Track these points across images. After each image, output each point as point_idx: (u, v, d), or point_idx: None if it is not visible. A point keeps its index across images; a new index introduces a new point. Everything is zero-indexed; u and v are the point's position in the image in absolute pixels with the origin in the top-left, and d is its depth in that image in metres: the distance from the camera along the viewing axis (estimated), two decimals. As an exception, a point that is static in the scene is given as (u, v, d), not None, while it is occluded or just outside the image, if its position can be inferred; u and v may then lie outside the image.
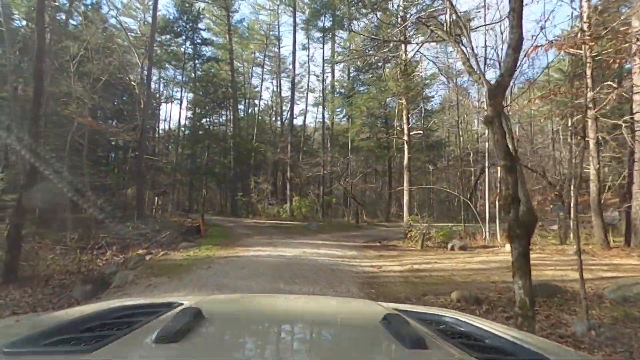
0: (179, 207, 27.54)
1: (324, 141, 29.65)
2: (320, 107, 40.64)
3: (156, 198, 26.32)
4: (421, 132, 17.67)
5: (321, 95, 30.11)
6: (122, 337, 0.83)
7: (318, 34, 29.14)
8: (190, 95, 30.29)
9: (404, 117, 13.85)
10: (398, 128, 14.93)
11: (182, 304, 1.20)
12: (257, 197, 29.46)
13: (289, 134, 27.88)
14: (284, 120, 37.18)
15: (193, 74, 27.85)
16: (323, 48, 29.98)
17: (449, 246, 10.83)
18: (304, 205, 28.28)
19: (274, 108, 43.14)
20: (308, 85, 43.84)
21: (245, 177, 32.73)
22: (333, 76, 30.21)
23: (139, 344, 0.85)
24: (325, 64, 30.34)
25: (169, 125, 35.71)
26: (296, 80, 31.59)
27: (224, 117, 33.59)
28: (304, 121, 44.51)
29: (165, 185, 25.51)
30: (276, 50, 38.55)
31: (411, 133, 14.23)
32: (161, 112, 34.31)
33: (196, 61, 27.57)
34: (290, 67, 32.39)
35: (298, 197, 28.73)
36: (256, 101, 39.12)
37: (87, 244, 10.69)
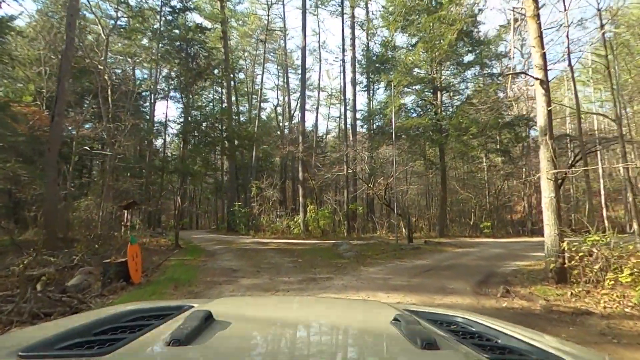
0: (151, 224, 20.63)
1: (346, 131, 22.64)
2: (335, 102, 34.11)
3: (125, 212, 19.59)
4: (569, 68, 10.12)
5: (339, 87, 23.33)
6: (134, 340, 0.83)
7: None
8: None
9: (534, 36, 6.89)
10: (518, 61, 7.70)
11: (192, 306, 1.19)
12: (260, 207, 22.49)
13: (301, 123, 20.99)
14: (292, 113, 30.48)
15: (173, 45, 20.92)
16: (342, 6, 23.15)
17: None
18: (323, 217, 21.16)
19: (280, 104, 36.66)
20: (320, 77, 37.38)
21: (246, 182, 25.98)
22: (354, 49, 23.37)
23: (151, 346, 0.83)
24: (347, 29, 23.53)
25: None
26: (306, 77, 24.78)
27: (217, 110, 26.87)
28: (316, 118, 38.00)
29: (131, 195, 18.68)
30: (275, 41, 32.40)
31: (549, 69, 7.14)
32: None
33: (176, 31, 20.84)
34: (297, 61, 25.98)
35: (314, 206, 21.68)
36: (257, 97, 32.54)
37: None
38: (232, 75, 24.86)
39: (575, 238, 6.67)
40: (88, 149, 15.99)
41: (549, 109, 6.90)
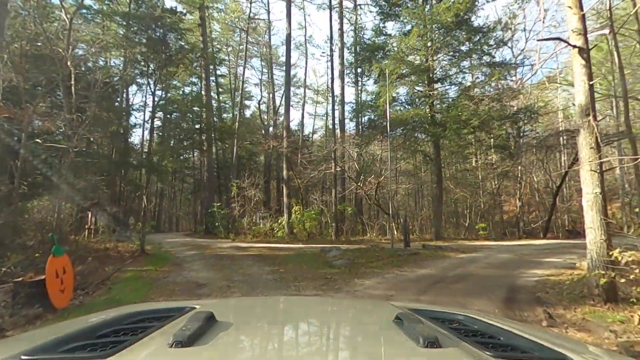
0: (118, 226, 18.61)
1: (334, 127, 21.17)
2: (321, 101, 32.78)
3: (89, 213, 17.56)
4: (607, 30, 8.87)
5: (325, 85, 21.91)
6: (136, 342, 0.82)
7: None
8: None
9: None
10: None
11: (194, 308, 1.18)
12: (242, 208, 20.78)
13: (285, 117, 19.43)
14: (277, 109, 28.86)
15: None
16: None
17: None
18: (309, 218, 19.62)
19: (265, 100, 35.01)
20: (306, 73, 36.00)
21: (228, 182, 24.23)
22: (342, 40, 21.97)
23: (153, 348, 0.82)
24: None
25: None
26: (290, 68, 23.06)
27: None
28: (302, 116, 36.59)
29: (96, 194, 16.65)
30: (259, 35, 30.75)
31: (590, 34, 5.81)
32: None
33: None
34: (282, 57, 24.47)
35: (299, 207, 20.12)
36: (239, 93, 30.70)
37: None
38: (212, 68, 23.12)
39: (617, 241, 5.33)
40: (39, 141, 13.91)
41: (591, 83, 5.56)
